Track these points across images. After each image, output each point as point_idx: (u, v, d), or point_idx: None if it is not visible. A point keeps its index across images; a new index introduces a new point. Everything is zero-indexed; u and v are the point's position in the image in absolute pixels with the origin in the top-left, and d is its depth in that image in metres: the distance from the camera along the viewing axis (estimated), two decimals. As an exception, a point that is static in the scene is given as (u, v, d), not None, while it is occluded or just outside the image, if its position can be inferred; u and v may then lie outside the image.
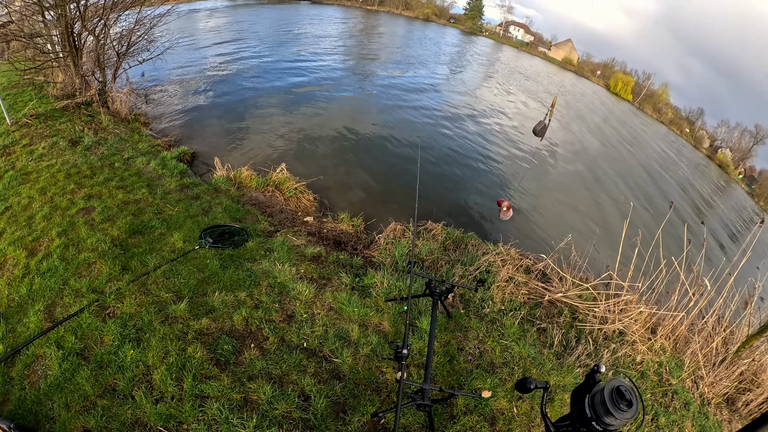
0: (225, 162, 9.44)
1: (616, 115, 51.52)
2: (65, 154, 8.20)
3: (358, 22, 59.38)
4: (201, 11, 42.89)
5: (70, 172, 7.52)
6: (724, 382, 5.66)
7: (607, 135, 32.68)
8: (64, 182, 7.12)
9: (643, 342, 5.81)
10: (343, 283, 5.70)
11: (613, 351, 5.51)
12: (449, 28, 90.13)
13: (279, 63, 23.01)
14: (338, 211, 8.88)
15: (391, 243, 7.33)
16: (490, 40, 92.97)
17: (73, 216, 6.18)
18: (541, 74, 57.86)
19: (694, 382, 5.62)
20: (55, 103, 10.68)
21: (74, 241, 5.55)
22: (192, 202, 7.38)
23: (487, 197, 12.20)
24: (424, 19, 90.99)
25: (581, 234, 11.82)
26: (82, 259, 5.20)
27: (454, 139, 16.37)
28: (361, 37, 44.87)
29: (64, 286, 4.77)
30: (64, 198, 6.62)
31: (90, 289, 4.75)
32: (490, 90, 30.65)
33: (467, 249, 7.47)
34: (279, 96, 16.73)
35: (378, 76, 24.44)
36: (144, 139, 10.18)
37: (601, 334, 5.86)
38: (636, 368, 5.47)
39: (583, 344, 5.54)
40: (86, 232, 5.76)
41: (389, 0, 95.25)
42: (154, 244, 5.78)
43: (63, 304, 4.52)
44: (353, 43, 37.63)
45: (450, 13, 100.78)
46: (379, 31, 53.16)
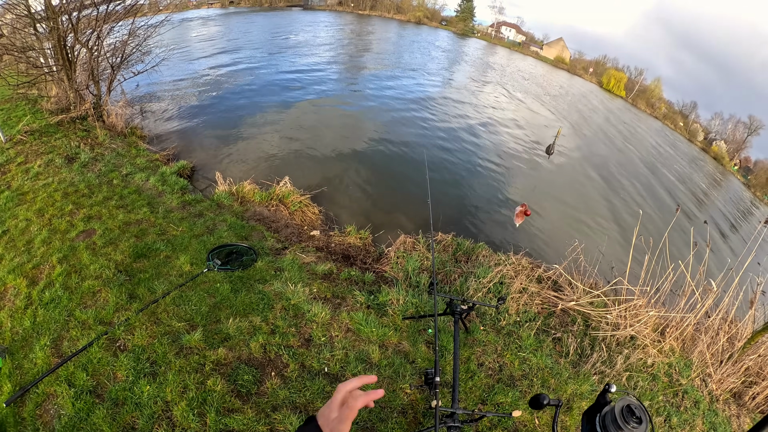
0: (226, 176, 9.23)
1: (612, 112, 51.84)
2: (62, 172, 8.00)
3: (351, 27, 59.37)
4: (194, 20, 42.88)
5: (68, 191, 7.32)
6: (731, 379, 5.68)
7: (607, 134, 32.87)
8: (62, 202, 6.93)
9: (654, 345, 5.83)
10: (358, 302, 5.54)
11: (626, 357, 5.47)
12: (441, 30, 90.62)
13: (274, 72, 22.85)
14: (344, 224, 8.73)
15: (402, 256, 7.16)
16: (482, 41, 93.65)
17: (74, 240, 5.97)
18: (536, 75, 58.08)
19: (702, 380, 5.63)
20: (50, 118, 10.47)
21: (76, 268, 5.35)
22: (195, 220, 7.17)
23: (493, 204, 12.10)
24: (416, 22, 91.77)
25: (588, 237, 11.78)
26: (86, 287, 4.99)
27: (454, 145, 16.21)
28: (355, 42, 44.73)
29: (69, 317, 4.57)
30: (62, 220, 6.41)
31: (97, 320, 4.55)
32: (487, 93, 30.49)
33: (478, 260, 7.37)
34: (276, 106, 16.52)
35: (374, 83, 24.23)
36: (141, 153, 9.97)
37: (614, 340, 5.87)
38: (647, 371, 5.44)
39: (597, 351, 5.54)
40: (88, 257, 5.55)
41: (381, 4, 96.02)
42: (160, 268, 5.57)
43: (70, 338, 4.32)
44: (348, 50, 37.47)
45: (441, 16, 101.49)
46: (372, 36, 53.19)
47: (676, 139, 70.18)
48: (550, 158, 17.10)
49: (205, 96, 16.70)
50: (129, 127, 11.50)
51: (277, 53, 28.90)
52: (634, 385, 5.15)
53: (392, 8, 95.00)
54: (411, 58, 37.91)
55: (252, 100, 17.05)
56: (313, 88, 20.42)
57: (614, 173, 21.20)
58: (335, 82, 22.69)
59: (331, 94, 19.96)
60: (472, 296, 6.18)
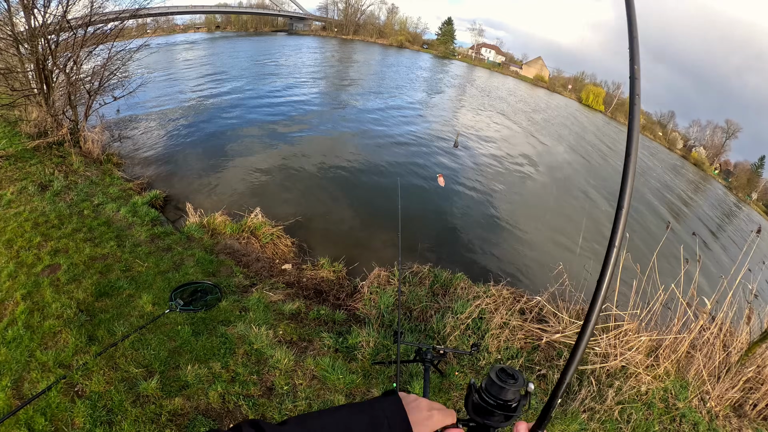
0: (198, 207, 9.16)
1: (590, 128, 52.77)
2: (34, 201, 7.95)
3: (334, 51, 60.22)
4: (179, 44, 42.98)
5: (38, 222, 7.25)
6: (731, 393, 5.53)
7: (588, 149, 33.45)
8: (31, 233, 6.85)
9: (647, 371, 5.64)
10: (325, 345, 5.44)
11: (618, 389, 5.26)
12: (423, 53, 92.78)
13: (256, 98, 23.01)
14: (318, 256, 8.60)
15: (376, 292, 7.05)
16: (463, 63, 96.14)
17: (39, 275, 5.89)
18: (515, 94, 59.14)
19: (700, 399, 5.48)
20: (27, 143, 10.42)
21: (39, 306, 5.27)
22: (163, 254, 7.08)
23: (472, 229, 12.07)
24: (398, 46, 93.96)
25: (573, 257, 11.71)
26: (47, 327, 4.90)
27: (433, 171, 16.16)
28: (338, 66, 45.28)
29: (30, 358, 4.48)
30: (30, 253, 6.34)
31: (57, 362, 4.47)
32: (466, 115, 31.04)
33: (456, 293, 7.18)
34: (255, 134, 16.58)
35: (355, 108, 24.49)
36: (115, 182, 9.90)
37: (604, 372, 5.64)
38: (642, 399, 5.26)
39: (586, 387, 5.30)
40: (51, 294, 5.46)
41: (363, 29, 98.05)
42: (121, 308, 5.47)
43: (30, 379, 4.25)
44: (330, 74, 37.87)
45: (423, 39, 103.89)
46: (355, 60, 53.87)
47: (656, 149, 71.87)
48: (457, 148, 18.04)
49: (187, 122, 16.73)
50: (105, 154, 11.42)
51: (261, 78, 29.17)
52: (627, 418, 4.99)
53: (375, 33, 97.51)
54: (392, 82, 38.55)
55: (232, 126, 17.11)
56: (293, 115, 20.58)
57: (595, 189, 21.49)
58: (315, 108, 22.89)
59: (310, 121, 20.12)
60: (449, 334, 6.00)
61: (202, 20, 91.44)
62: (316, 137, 17.49)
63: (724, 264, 17.94)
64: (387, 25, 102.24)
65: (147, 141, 14.09)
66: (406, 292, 7.10)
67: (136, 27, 15.17)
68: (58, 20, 10.62)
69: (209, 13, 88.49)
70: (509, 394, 1.26)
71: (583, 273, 7.26)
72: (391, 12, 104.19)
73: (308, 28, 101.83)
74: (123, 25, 12.61)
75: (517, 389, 1.27)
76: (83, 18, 11.21)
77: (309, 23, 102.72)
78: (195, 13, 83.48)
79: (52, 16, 10.58)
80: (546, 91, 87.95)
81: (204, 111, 18.79)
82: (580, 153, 30.48)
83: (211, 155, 13.62)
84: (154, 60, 23.58)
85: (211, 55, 39.56)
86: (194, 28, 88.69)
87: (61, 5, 10.74)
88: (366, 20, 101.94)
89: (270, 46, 55.40)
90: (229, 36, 63.51)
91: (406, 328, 6.21)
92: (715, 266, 16.37)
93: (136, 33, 13.91)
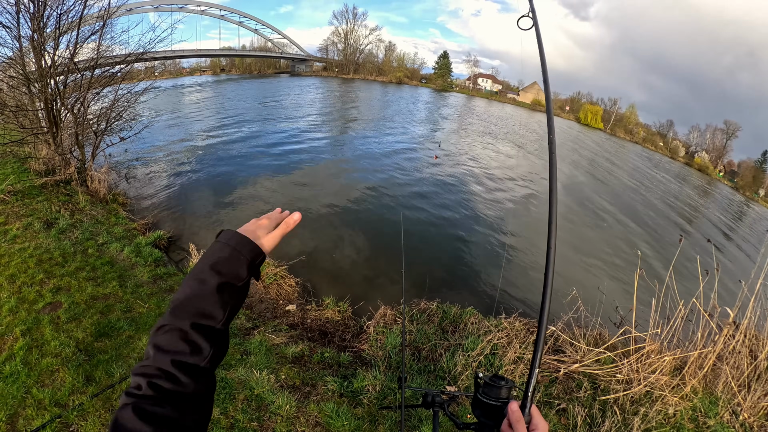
0: (201, 248, 9.11)
1: (591, 145, 53.54)
2: (39, 237, 7.98)
3: (336, 91, 61.38)
4: (185, 86, 43.84)
5: (42, 258, 7.25)
6: (763, 401, 5.28)
7: (591, 166, 33.74)
8: (35, 270, 6.84)
9: (673, 392, 5.36)
10: (329, 390, 5.25)
11: (643, 416, 4.99)
12: (422, 88, 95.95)
13: (261, 138, 23.37)
14: (322, 295, 8.47)
15: (382, 332, 6.89)
16: (461, 94, 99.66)
17: (39, 311, 5.84)
18: (513, 120, 60.84)
19: (732, 413, 5.22)
20: (35, 180, 10.55)
21: (38, 342, 5.20)
22: (165, 295, 7.00)
23: (479, 259, 11.88)
24: (397, 82, 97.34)
25: (587, 279, 11.59)
26: (45, 365, 4.82)
27: (438, 203, 16.21)
28: (341, 105, 46.16)
29: (26, 394, 4.41)
30: (32, 289, 6.30)
31: (53, 400, 4.38)
32: (469, 145, 31.52)
33: (467, 328, 6.97)
34: (260, 174, 16.69)
35: (357, 145, 24.86)
36: (120, 222, 9.93)
37: (628, 399, 5.33)
38: (670, 422, 5.00)
39: (609, 417, 5.01)
40: (51, 332, 5.39)
41: (363, 68, 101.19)
42: (121, 349, 5.38)
43: (26, 416, 4.17)
44: (333, 112, 38.60)
45: (421, 74, 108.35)
46: (356, 98, 54.86)
47: (659, 159, 72.53)
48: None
49: (192, 163, 16.93)
50: (111, 194, 11.54)
51: (266, 119, 29.73)
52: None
53: (374, 71, 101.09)
54: (393, 118, 39.32)
55: (238, 167, 17.27)
56: (296, 155, 20.80)
57: (604, 206, 21.74)
58: (319, 147, 23.20)
59: (314, 159, 20.33)
60: (460, 373, 5.77)
61: (207, 63, 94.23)
62: (319, 175, 17.62)
63: (742, 267, 17.80)
64: (385, 62, 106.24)
65: (153, 181, 14.23)
66: (414, 331, 6.93)
67: (144, 70, 15.56)
68: (66, 62, 10.90)
69: (214, 56, 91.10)
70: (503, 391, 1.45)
71: (597, 295, 7.12)
72: (389, 49, 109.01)
73: (310, 69, 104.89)
74: (129, 68, 12.89)
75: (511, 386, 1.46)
76: (90, 61, 11.51)
77: (310, 64, 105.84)
78: (200, 56, 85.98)
79: (60, 57, 10.86)
80: (545, 115, 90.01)
81: (209, 152, 19.04)
82: (592, 174, 30.83)
83: (215, 195, 13.72)
84: (161, 102, 24.03)
85: (217, 96, 40.40)
86: (200, 71, 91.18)
87: (68, 48, 11.08)
88: (365, 59, 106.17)
89: (274, 87, 56.62)
90: (234, 78, 64.93)
91: (414, 369, 6.01)
92: (733, 271, 16.10)
93: (144, 75, 14.25)
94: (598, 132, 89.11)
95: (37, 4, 10.47)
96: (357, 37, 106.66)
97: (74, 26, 11.09)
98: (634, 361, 5.66)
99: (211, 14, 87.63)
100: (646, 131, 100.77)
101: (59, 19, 10.87)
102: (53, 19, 10.89)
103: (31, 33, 10.67)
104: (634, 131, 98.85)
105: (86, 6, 11.13)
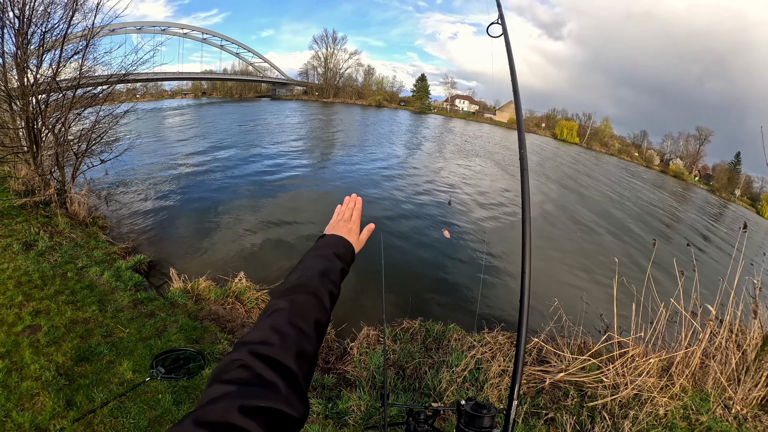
0: (182, 272, 9.12)
1: (568, 159, 54.47)
2: (18, 259, 7.97)
3: (317, 115, 61.92)
4: (166, 109, 43.81)
5: (21, 281, 7.24)
6: (755, 392, 5.44)
7: (569, 180, 34.36)
8: (14, 292, 6.84)
9: (662, 393, 5.46)
10: (314, 413, 5.31)
11: (634, 418, 5.03)
12: (401, 111, 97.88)
13: (242, 163, 23.43)
14: None
15: (366, 352, 6.94)
16: (439, 116, 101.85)
17: (19, 334, 5.84)
18: (492, 139, 61.69)
19: (724, 407, 5.35)
20: (15, 200, 10.48)
21: (18, 366, 5.21)
22: (145, 321, 6.99)
23: (460, 275, 11.98)
24: (376, 105, 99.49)
25: (569, 288, 11.76)
26: (24, 388, 4.84)
27: (419, 224, 16.37)
28: (321, 128, 46.65)
29: (6, 418, 4.42)
30: (11, 311, 6.30)
31: (33, 425, 4.39)
32: (448, 164, 32.17)
33: (450, 345, 7.06)
34: (241, 198, 16.74)
35: (339, 170, 25.03)
36: (100, 245, 9.90)
37: (616, 404, 5.39)
38: (662, 423, 5.06)
39: (599, 423, 5.06)
40: (30, 356, 5.40)
41: (343, 91, 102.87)
42: (101, 374, 5.40)
43: (6, 440, 4.17)
44: (314, 136, 38.95)
45: (399, 97, 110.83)
46: (337, 120, 55.58)
47: (635, 169, 74.09)
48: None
49: (173, 186, 16.92)
50: (91, 217, 11.51)
51: (247, 143, 29.83)
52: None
53: (354, 94, 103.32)
54: (373, 141, 40.04)
55: (219, 191, 17.31)
56: (278, 178, 20.95)
57: (584, 216, 22.50)
58: (300, 172, 23.26)
59: (295, 184, 20.40)
60: (445, 389, 5.82)
61: (189, 86, 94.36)
62: (301, 200, 17.74)
63: (721, 265, 18.22)
64: (365, 86, 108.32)
65: (133, 205, 14.19)
66: (398, 350, 7.00)
67: (126, 91, 15.62)
68: (48, 81, 10.97)
69: (196, 79, 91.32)
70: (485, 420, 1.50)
71: (580, 304, 7.25)
72: (368, 73, 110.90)
73: (290, 92, 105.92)
74: (111, 89, 12.96)
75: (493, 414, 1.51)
76: (72, 80, 11.58)
77: (291, 88, 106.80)
78: (182, 79, 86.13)
79: (43, 76, 10.94)
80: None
81: (190, 176, 19.05)
82: (570, 186, 31.47)
83: (196, 220, 13.72)
84: (143, 124, 24.00)
85: (198, 120, 40.50)
86: (182, 94, 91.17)
87: (51, 67, 11.16)
88: (345, 83, 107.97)
89: (254, 111, 56.98)
90: (215, 102, 65.06)
91: (399, 387, 6.07)
92: (713, 270, 16.64)
93: (126, 97, 14.29)
94: (575, 146, 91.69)
95: (22, 20, 10.58)
96: (337, 61, 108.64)
97: (58, 44, 11.16)
98: (619, 365, 5.79)
99: (193, 37, 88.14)
100: (621, 143, 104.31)
101: (43, 37, 10.94)
102: (37, 36, 10.96)
103: (15, 49, 10.75)
104: (609, 143, 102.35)
105: (70, 25, 11.28)
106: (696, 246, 22.73)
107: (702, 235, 28.62)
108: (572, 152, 72.96)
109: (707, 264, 19.11)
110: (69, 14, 11.21)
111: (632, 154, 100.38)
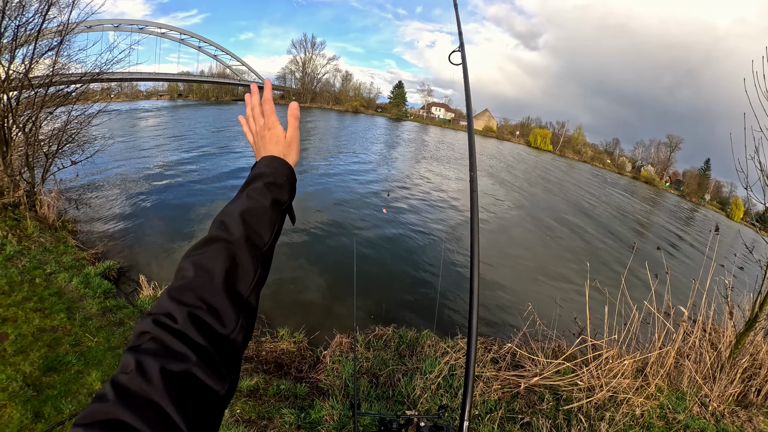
0: (152, 279, 8.97)
1: (541, 166, 55.44)
2: (-16, 263, 7.74)
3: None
4: (141, 110, 43.24)
5: (-13, 286, 7.06)
6: (730, 389, 5.56)
7: (542, 187, 35.06)
8: (-21, 298, 6.67)
9: (638, 393, 5.54)
10: (286, 423, 5.25)
11: (610, 420, 5.09)
12: (378, 117, 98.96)
13: (217, 167, 23.29)
14: (277, 327, 8.31)
15: (338, 361, 6.93)
16: (416, 123, 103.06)
17: (-16, 344, 5.73)
18: (465, 148, 62.35)
19: (701, 404, 5.46)
20: (-19, 201, 10.21)
21: (-16, 377, 5.09)
22: (114, 329, 6.87)
23: (433, 282, 11.92)
24: (353, 111, 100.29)
25: (543, 293, 11.97)
26: (-10, 400, 4.76)
27: (392, 231, 16.37)
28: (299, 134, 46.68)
29: (-28, 432, 4.31)
30: (-24, 320, 6.16)
31: (0, 438, 4.31)
32: (422, 172, 32.30)
33: (424, 351, 7.10)
34: (214, 202, 16.52)
35: (313, 174, 24.94)
36: (69, 250, 9.68)
37: (592, 406, 5.45)
38: (639, 423, 5.14)
39: (575, 425, 5.12)
40: (-4, 366, 5.32)
41: (320, 96, 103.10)
42: (70, 384, 5.30)
43: (-28, 455, 4.07)
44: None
45: (377, 104, 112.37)
46: (313, 126, 55.40)
47: (608, 175, 75.77)
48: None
49: (146, 190, 16.66)
50: (61, 220, 11.27)
51: (222, 147, 29.53)
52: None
53: (331, 100, 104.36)
54: (350, 148, 39.84)
55: (192, 196, 17.12)
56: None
57: (559, 221, 23.08)
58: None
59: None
60: (419, 396, 5.83)
61: (165, 88, 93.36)
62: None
63: (693, 267, 18.71)
64: (342, 91, 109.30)
65: (104, 209, 13.92)
66: (371, 357, 7.00)
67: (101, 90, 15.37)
68: (20, 77, 10.76)
69: (172, 80, 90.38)
70: None
71: (554, 308, 7.37)
72: (346, 79, 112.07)
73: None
74: (85, 88, 12.78)
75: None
76: (45, 77, 11.35)
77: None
78: (158, 80, 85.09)
79: (15, 72, 10.73)
80: (496, 140, 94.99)
81: (164, 180, 18.78)
82: (535, 193, 32.02)
83: (168, 225, 13.52)
84: (116, 125, 23.66)
85: (173, 122, 40.02)
86: (157, 95, 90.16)
87: (24, 63, 10.95)
88: (322, 88, 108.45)
89: (231, 115, 56.53)
90: (191, 104, 64.46)
91: (372, 396, 6.04)
92: (685, 272, 17.20)
93: (100, 96, 14.00)
94: (548, 154, 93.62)
95: (-4, 13, 10.34)
96: (315, 66, 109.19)
97: (32, 39, 10.90)
98: (594, 368, 5.88)
99: (171, 37, 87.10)
100: (593, 150, 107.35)
101: (17, 31, 10.69)
102: (11, 30, 10.70)
103: (-13, 43, 10.51)
104: (582, 151, 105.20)
105: (45, 19, 11.04)
106: (668, 249, 23.42)
107: (674, 238, 29.46)
108: (545, 159, 74.20)
109: (679, 266, 19.65)
110: (45, 8, 10.98)
111: (605, 161, 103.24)
